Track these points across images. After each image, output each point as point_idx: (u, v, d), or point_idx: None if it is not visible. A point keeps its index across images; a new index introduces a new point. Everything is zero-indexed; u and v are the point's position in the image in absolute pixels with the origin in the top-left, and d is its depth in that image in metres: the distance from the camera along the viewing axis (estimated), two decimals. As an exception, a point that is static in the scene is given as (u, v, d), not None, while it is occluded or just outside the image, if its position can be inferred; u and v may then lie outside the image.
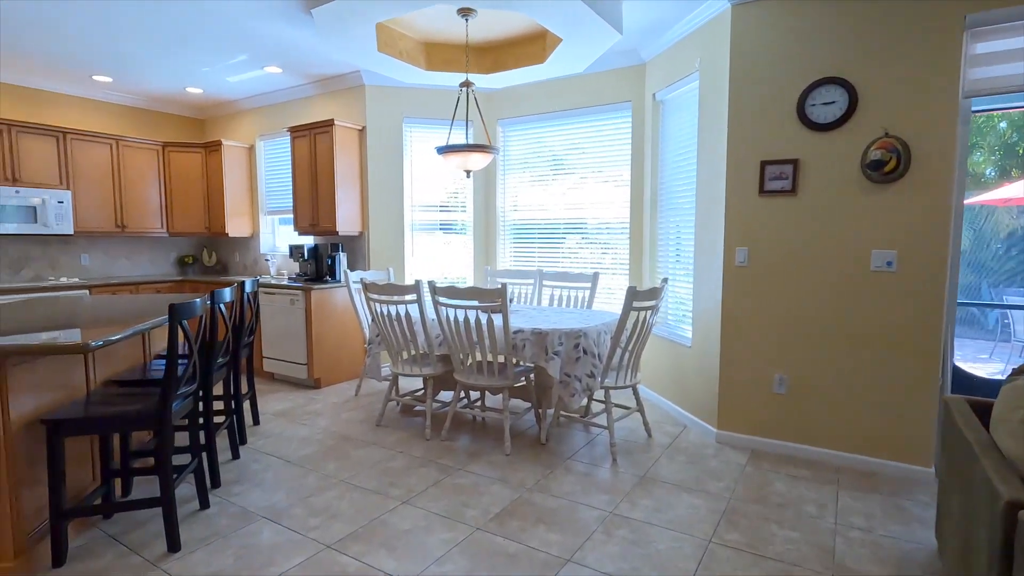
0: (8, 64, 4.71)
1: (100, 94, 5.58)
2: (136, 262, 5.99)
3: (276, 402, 4.38)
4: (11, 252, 5.10)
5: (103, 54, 4.48)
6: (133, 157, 5.61)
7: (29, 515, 2.14)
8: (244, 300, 3.42)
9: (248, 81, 5.23)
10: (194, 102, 6.03)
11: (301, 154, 5.13)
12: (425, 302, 3.47)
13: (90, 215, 5.31)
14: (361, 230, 5.14)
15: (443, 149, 3.61)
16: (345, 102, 5.16)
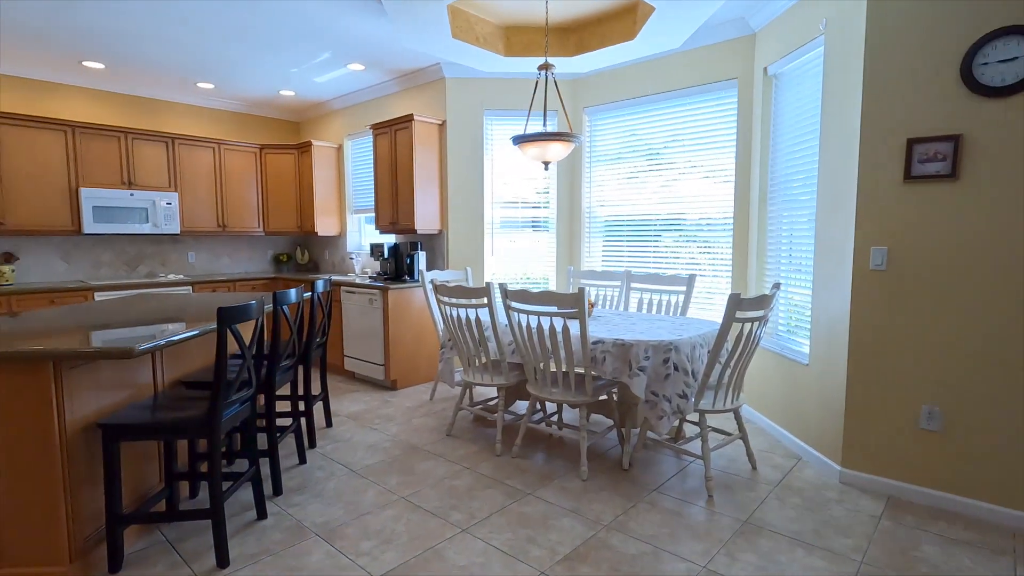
0: (124, 76, 5.07)
1: (204, 101, 5.90)
2: (236, 260, 6.29)
3: (352, 403, 4.33)
4: (129, 250, 5.51)
5: (205, 62, 4.66)
6: (233, 160, 5.87)
7: (88, 518, 2.11)
8: (315, 301, 3.33)
9: (334, 81, 5.26)
10: (289, 105, 6.21)
11: (382, 151, 5.06)
12: (497, 306, 3.19)
13: (195, 215, 5.62)
14: (440, 228, 4.98)
15: (519, 139, 3.30)
16: (426, 97, 5.02)
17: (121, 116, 5.44)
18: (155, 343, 2.00)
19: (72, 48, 4.34)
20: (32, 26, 3.89)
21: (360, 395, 4.54)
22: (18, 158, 4.58)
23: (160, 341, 2.01)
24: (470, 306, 3.21)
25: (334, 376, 5.19)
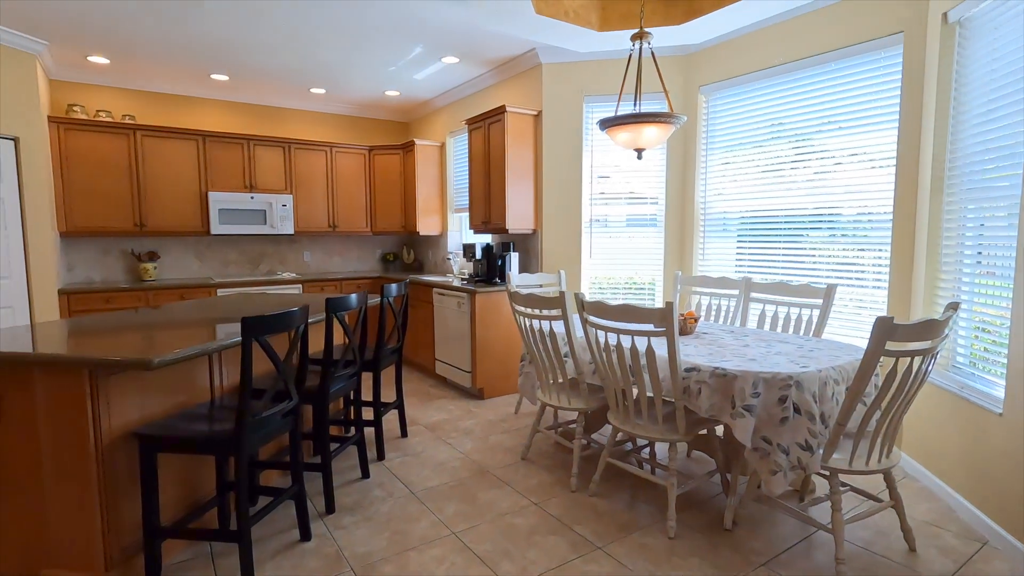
0: (246, 86, 5.40)
1: (317, 106, 6.14)
2: (347, 259, 6.50)
3: (435, 411, 4.14)
4: (252, 250, 5.90)
5: (314, 68, 4.77)
6: (344, 162, 6.04)
7: (127, 528, 2.08)
8: (384, 305, 3.15)
9: (433, 77, 5.13)
10: (396, 105, 6.26)
11: (476, 147, 4.83)
12: (574, 319, 2.75)
13: (308, 216, 5.87)
14: (534, 227, 4.62)
15: (606, 123, 2.81)
16: (523, 87, 4.68)
17: (244, 124, 5.83)
18: (175, 356, 1.88)
19: (202, 63, 4.68)
20: (174, 43, 4.22)
21: (445, 403, 4.35)
22: (158, 166, 5.06)
23: (180, 354, 1.89)
24: (543, 317, 2.81)
25: (425, 380, 5.08)
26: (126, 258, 5.28)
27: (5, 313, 4.08)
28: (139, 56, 4.52)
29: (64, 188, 4.70)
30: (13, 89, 4.05)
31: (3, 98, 3.99)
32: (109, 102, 5.15)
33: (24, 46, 4.07)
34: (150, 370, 1.80)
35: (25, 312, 4.23)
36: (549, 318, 2.77)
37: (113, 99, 5.18)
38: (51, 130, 4.62)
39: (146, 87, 5.28)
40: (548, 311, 2.88)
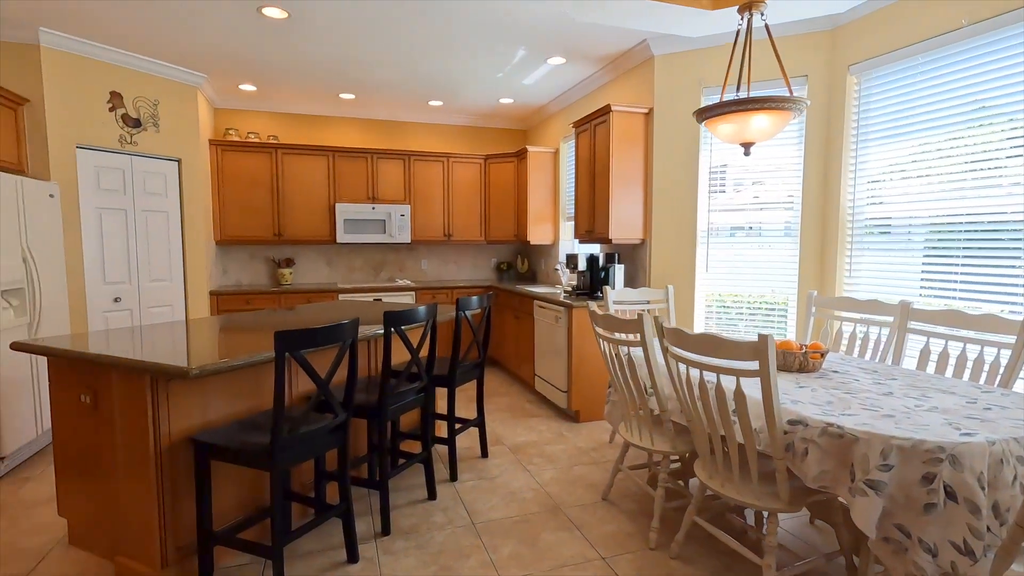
0: (370, 103, 5.70)
1: (436, 118, 6.30)
2: (462, 267, 6.57)
3: (524, 431, 3.91)
4: (375, 257, 6.23)
5: (428, 80, 4.87)
6: (460, 171, 6.11)
7: (185, 529, 2.16)
8: (459, 319, 3.01)
9: (543, 81, 4.95)
10: (511, 113, 6.19)
11: (582, 151, 4.52)
12: (654, 346, 2.34)
13: (424, 225, 6.03)
14: (642, 237, 4.19)
15: (705, 113, 2.36)
16: (635, 83, 4.28)
17: (368, 139, 6.17)
18: (218, 367, 1.89)
19: (331, 83, 5.02)
20: (308, 68, 4.59)
21: (537, 422, 4.10)
22: (295, 180, 5.55)
23: (219, 365, 1.90)
24: (621, 342, 2.43)
25: (524, 395, 4.87)
26: (268, 264, 5.87)
27: (166, 310, 4.73)
28: (280, 82, 4.98)
29: (219, 202, 5.35)
30: (178, 117, 4.68)
31: (170, 125, 4.63)
32: (257, 125, 5.78)
33: (186, 80, 4.70)
34: (189, 379, 1.82)
35: (182, 310, 4.86)
36: (627, 343, 2.40)
37: (260, 122, 5.79)
38: (211, 151, 5.28)
39: (287, 109, 5.83)
40: (626, 335, 2.51)
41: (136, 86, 4.37)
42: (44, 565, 2.29)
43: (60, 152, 3.92)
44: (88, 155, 4.12)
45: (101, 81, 4.14)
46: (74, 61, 3.97)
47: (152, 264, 4.58)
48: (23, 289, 3.36)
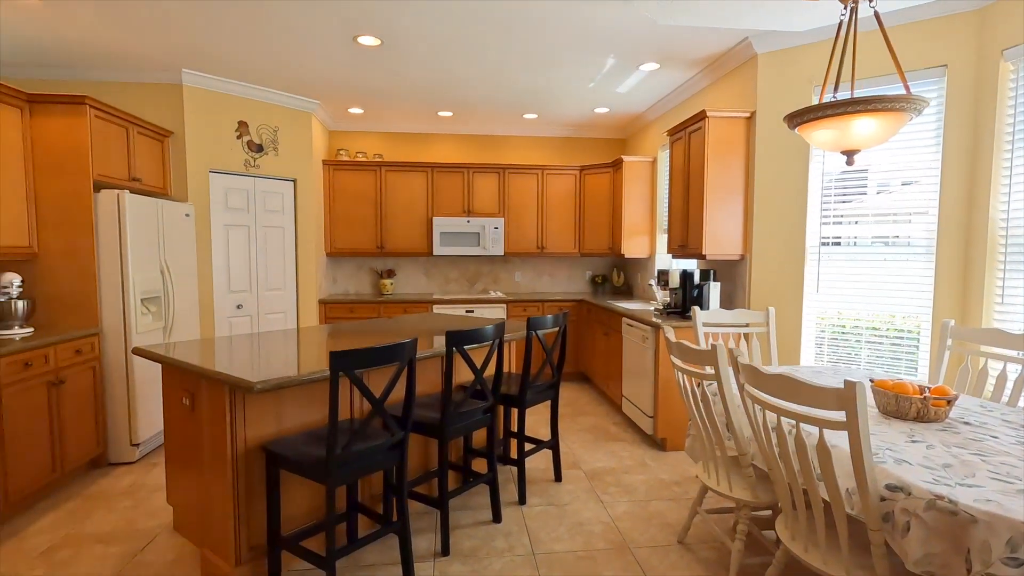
0: (466, 119, 5.85)
1: (531, 130, 6.29)
2: (556, 279, 6.49)
3: (604, 455, 3.73)
4: (471, 269, 6.36)
5: (521, 93, 4.89)
6: (555, 183, 6.06)
7: (258, 531, 2.30)
8: (531, 338, 2.94)
9: (638, 89, 4.74)
10: (608, 123, 6.02)
11: (676, 160, 4.25)
12: (731, 381, 2.08)
13: (517, 238, 6.04)
14: (742, 253, 3.82)
15: (796, 118, 2.08)
16: (736, 85, 3.94)
17: (465, 154, 6.33)
18: (279, 381, 1.99)
19: (430, 102, 5.23)
20: (408, 88, 4.84)
21: (620, 447, 3.89)
22: (396, 195, 5.84)
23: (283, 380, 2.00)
24: (695, 374, 2.21)
25: (610, 417, 4.66)
26: (371, 274, 6.23)
27: (280, 317, 5.19)
28: (383, 104, 5.27)
29: (329, 217, 5.78)
30: (294, 141, 5.13)
31: (287, 149, 5.09)
32: (365, 144, 6.17)
33: (302, 106, 5.14)
34: (253, 393, 1.94)
35: (294, 317, 5.31)
36: (701, 376, 2.17)
37: (368, 142, 6.18)
38: (324, 171, 5.74)
39: (391, 129, 6.16)
40: (698, 366, 2.27)
41: (259, 115, 4.87)
42: (151, 547, 2.57)
43: (196, 176, 4.46)
44: (218, 178, 4.65)
45: (230, 112, 4.67)
46: (209, 96, 4.51)
47: (269, 275, 5.05)
48: (160, 297, 3.86)
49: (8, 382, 2.76)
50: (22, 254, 3.30)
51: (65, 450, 3.16)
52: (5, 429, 2.75)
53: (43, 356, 3.01)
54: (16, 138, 3.26)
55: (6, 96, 3.18)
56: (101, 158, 3.53)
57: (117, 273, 3.50)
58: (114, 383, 3.55)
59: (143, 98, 4.31)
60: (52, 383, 3.07)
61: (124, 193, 3.47)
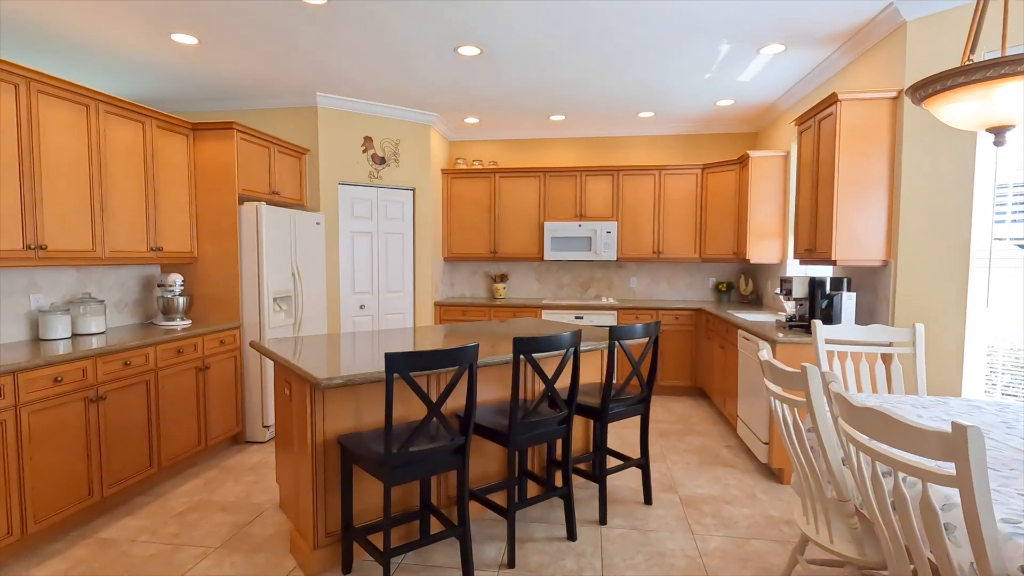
0: (578, 122, 5.74)
1: (647, 130, 5.98)
2: (675, 286, 6.10)
3: (707, 480, 3.38)
4: (583, 274, 6.23)
5: (633, 91, 4.68)
6: (673, 184, 5.70)
7: (335, 518, 2.44)
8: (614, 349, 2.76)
9: (764, 75, 4.26)
10: (735, 116, 5.51)
11: (805, 152, 3.73)
12: (823, 412, 1.73)
13: (632, 242, 5.78)
14: (884, 258, 3.23)
15: (925, 88, 1.68)
16: (881, 62, 3.35)
17: (578, 157, 6.21)
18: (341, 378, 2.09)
19: (542, 107, 5.23)
20: (520, 95, 4.93)
21: (728, 474, 3.50)
22: (509, 201, 5.93)
23: (340, 378, 2.10)
24: (786, 400, 1.89)
25: (724, 438, 4.22)
26: (486, 279, 6.39)
27: (398, 317, 5.54)
28: (494, 112, 5.39)
29: (447, 223, 6.05)
30: (414, 152, 5.46)
31: (408, 160, 5.43)
32: (481, 152, 6.36)
33: (421, 119, 5.45)
34: (320, 388, 2.06)
35: (411, 317, 5.63)
36: (791, 403, 1.85)
37: (484, 150, 6.36)
38: (442, 179, 6.02)
39: (505, 136, 6.27)
40: (786, 389, 1.92)
41: (383, 130, 5.25)
42: (258, 520, 2.87)
43: (327, 188, 4.95)
44: (346, 190, 5.11)
45: (357, 128, 5.10)
46: (339, 115, 4.98)
47: (389, 278, 5.42)
48: (291, 297, 4.33)
49: (163, 365, 3.29)
50: (185, 258, 3.91)
51: (209, 426, 3.68)
52: (161, 405, 3.27)
53: (193, 345, 3.53)
54: (183, 161, 3.89)
55: (176, 126, 3.81)
56: (245, 175, 4.07)
57: (255, 275, 3.99)
58: (250, 371, 4.06)
59: (286, 121, 4.88)
60: (199, 368, 3.59)
61: (261, 205, 3.95)
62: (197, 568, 2.42)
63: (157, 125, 3.64)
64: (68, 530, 2.75)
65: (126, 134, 3.40)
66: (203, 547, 2.60)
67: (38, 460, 2.54)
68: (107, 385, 2.90)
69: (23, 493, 2.47)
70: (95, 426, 2.83)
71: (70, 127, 3.03)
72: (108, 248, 3.27)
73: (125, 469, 3.03)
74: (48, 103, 2.90)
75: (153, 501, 3.10)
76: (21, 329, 3.08)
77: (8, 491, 2.41)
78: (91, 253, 3.16)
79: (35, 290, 3.15)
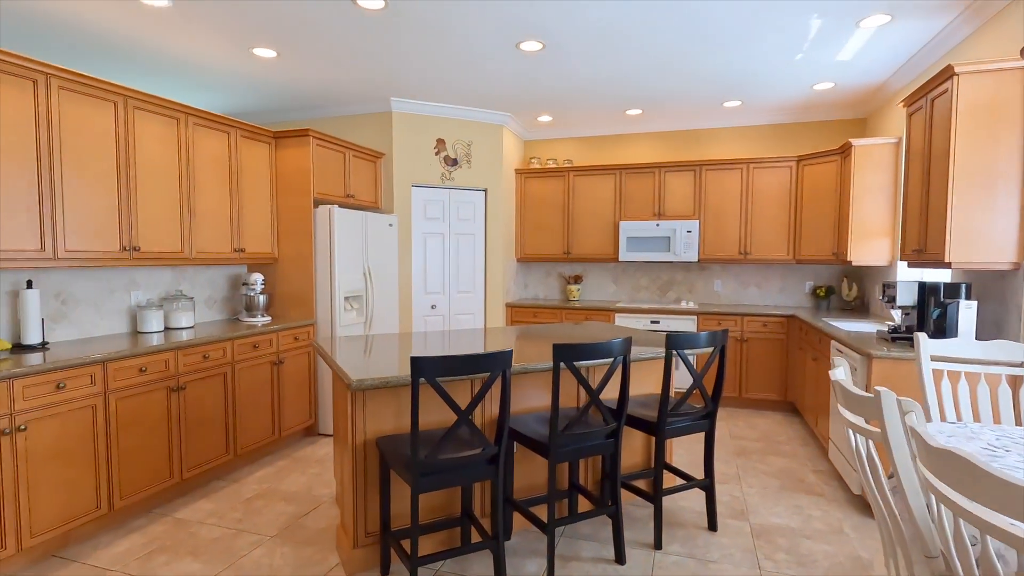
0: (657, 116, 5.43)
1: (733, 120, 5.53)
2: (766, 291, 5.59)
3: (786, 509, 3.02)
4: (662, 277, 5.90)
5: (718, 77, 4.34)
6: (764, 178, 5.22)
7: (374, 518, 2.45)
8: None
9: (867, 52, 3.76)
10: (835, 101, 4.93)
11: (915, 137, 3.23)
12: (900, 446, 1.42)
13: (715, 242, 5.38)
14: (1016, 261, 2.70)
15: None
16: (1008, 28, 2.81)
17: (656, 153, 5.87)
18: (372, 381, 2.08)
19: (618, 101, 5.02)
20: (594, 89, 4.78)
21: (812, 504, 3.10)
22: (583, 200, 5.75)
23: (376, 380, 2.08)
24: (860, 429, 1.60)
25: (813, 462, 3.76)
26: (560, 280, 6.25)
27: (469, 318, 5.56)
28: (566, 109, 5.25)
29: (521, 224, 5.99)
30: (486, 153, 5.45)
31: (480, 161, 5.43)
32: (556, 151, 6.22)
33: (493, 120, 5.43)
34: (352, 390, 2.06)
35: (482, 318, 5.63)
36: (865, 433, 1.56)
37: (559, 148, 6.22)
38: (516, 179, 5.97)
39: (580, 133, 6.09)
40: (857, 415, 1.61)
41: (455, 131, 5.30)
42: (314, 513, 2.97)
43: (400, 191, 5.07)
44: (419, 191, 5.20)
45: (430, 131, 5.18)
46: (412, 119, 5.09)
47: (460, 279, 5.46)
48: (362, 296, 4.48)
49: (239, 359, 3.51)
50: (267, 259, 4.17)
51: (283, 418, 3.88)
52: (237, 396, 3.49)
53: (268, 340, 3.74)
54: (265, 168, 4.14)
55: (259, 135, 4.06)
56: (321, 179, 4.26)
57: (327, 275, 4.16)
58: (323, 366, 4.24)
59: (364, 127, 5.07)
60: (274, 363, 3.80)
61: (334, 207, 4.12)
62: (250, 556, 2.54)
63: (241, 135, 3.91)
64: (151, 508, 3.01)
65: (213, 144, 3.68)
66: (260, 535, 2.73)
67: (124, 443, 2.79)
68: (187, 376, 3.14)
69: (111, 472, 2.72)
70: (176, 414, 3.07)
71: (162, 139, 3.32)
72: (195, 249, 3.55)
73: (203, 454, 3.26)
74: (143, 118, 3.19)
75: (228, 486, 3.32)
76: (123, 322, 3.42)
77: (97, 469, 2.66)
78: (180, 254, 3.44)
79: (135, 287, 3.49)
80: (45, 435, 2.45)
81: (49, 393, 2.46)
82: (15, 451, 2.33)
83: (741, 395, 5.07)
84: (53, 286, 3.03)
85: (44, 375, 2.44)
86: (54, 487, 2.49)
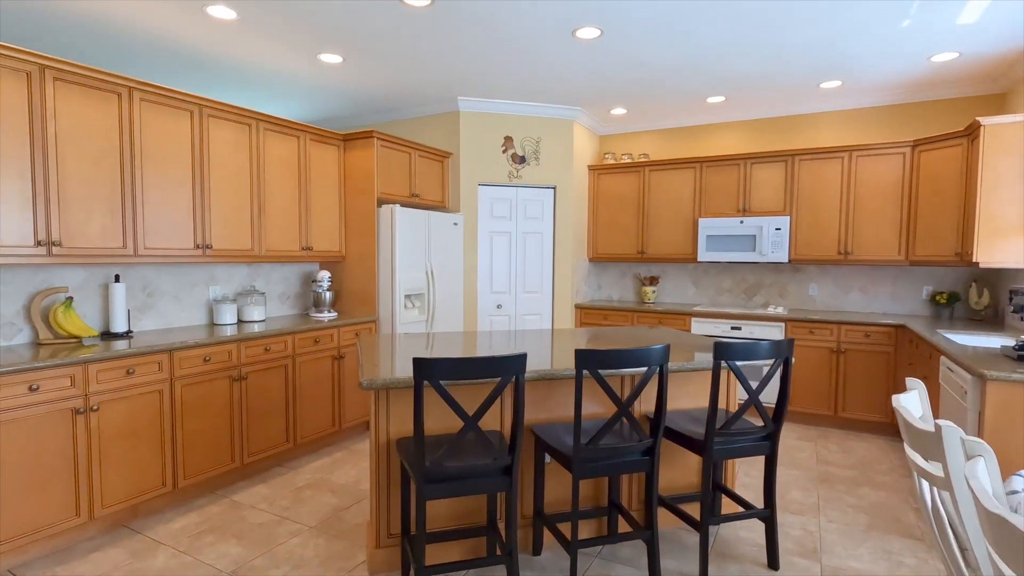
0: (742, 103, 4.95)
1: (833, 104, 4.89)
2: (872, 296, 4.90)
3: (872, 553, 2.57)
4: (748, 279, 5.39)
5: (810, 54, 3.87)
6: (870, 168, 4.58)
7: (397, 519, 2.41)
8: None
9: (1002, 9, 3.13)
10: (961, 74, 4.19)
11: (1055, 111, 2.61)
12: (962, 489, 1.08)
13: (809, 241, 4.81)
14: None
15: None
16: None
17: (742, 143, 5.36)
18: (384, 382, 2.02)
19: (697, 89, 4.65)
20: (671, 78, 4.49)
21: (905, 547, 2.62)
22: (660, 196, 5.41)
23: (387, 381, 2.02)
24: (923, 472, 1.28)
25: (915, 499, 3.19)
26: (635, 281, 5.93)
27: (535, 318, 5.44)
28: (641, 100, 4.95)
29: (593, 222, 5.76)
30: (555, 149, 5.30)
31: (549, 157, 5.30)
32: (632, 145, 5.91)
33: (563, 115, 5.26)
34: (362, 389, 2.03)
35: (549, 319, 5.49)
36: (926, 476, 1.24)
37: (636, 142, 5.90)
38: (589, 176, 5.75)
39: (658, 126, 5.72)
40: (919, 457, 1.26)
41: (523, 128, 5.20)
42: (355, 507, 3.01)
43: (467, 190, 5.07)
44: (486, 190, 5.17)
45: (497, 129, 5.13)
46: (479, 117, 5.06)
47: (527, 278, 5.35)
48: (423, 295, 4.52)
49: (300, 353, 3.67)
50: (335, 257, 4.34)
51: (344, 411, 4.01)
52: (297, 388, 3.65)
53: (329, 335, 3.88)
54: (334, 170, 4.31)
55: (328, 138, 4.24)
56: (385, 179, 4.35)
57: (389, 273, 4.25)
58: (383, 363, 4.33)
59: (433, 127, 5.13)
60: (335, 357, 3.94)
61: (396, 207, 4.19)
62: (287, 544, 2.61)
63: (310, 139, 4.09)
64: (214, 489, 3.22)
65: (283, 147, 3.88)
66: (300, 524, 2.81)
67: (189, 426, 3.01)
68: (248, 367, 3.33)
69: (175, 453, 2.94)
70: (238, 402, 3.26)
71: (234, 144, 3.55)
72: (265, 247, 3.76)
73: (264, 442, 3.44)
74: (217, 124, 3.43)
75: (285, 473, 3.47)
76: (201, 314, 3.71)
77: (163, 450, 2.89)
78: (250, 252, 3.66)
79: (213, 282, 3.77)
80: (116, 416, 2.69)
81: (120, 378, 2.70)
82: (88, 429, 2.58)
83: (836, 413, 4.48)
84: (140, 280, 3.35)
85: (115, 361, 2.68)
86: (123, 464, 2.72)
